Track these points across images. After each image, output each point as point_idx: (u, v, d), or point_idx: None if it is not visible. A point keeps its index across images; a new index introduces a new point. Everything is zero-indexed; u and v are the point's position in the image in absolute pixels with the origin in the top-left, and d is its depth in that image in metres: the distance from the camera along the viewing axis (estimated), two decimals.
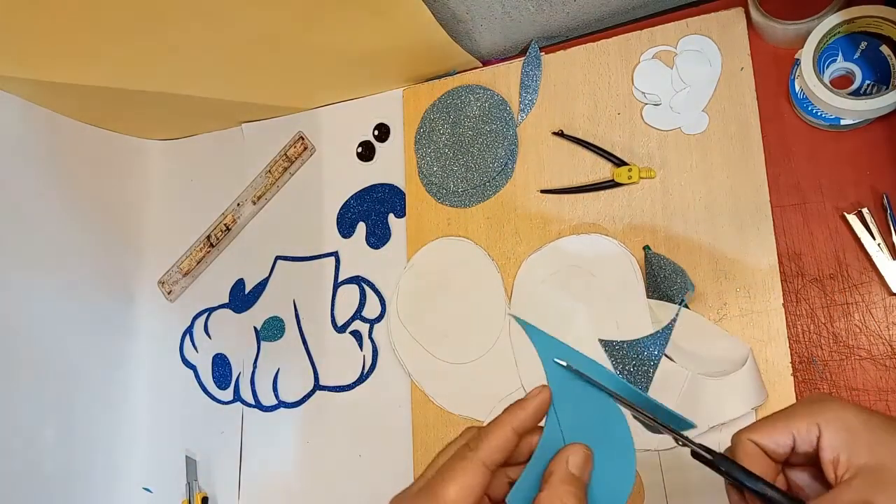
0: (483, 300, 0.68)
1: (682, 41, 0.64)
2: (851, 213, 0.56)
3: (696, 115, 0.63)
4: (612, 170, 0.65)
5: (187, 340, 0.83)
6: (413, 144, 0.75)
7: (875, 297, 0.55)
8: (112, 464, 0.79)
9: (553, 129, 0.68)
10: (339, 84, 0.78)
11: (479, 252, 0.69)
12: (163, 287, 0.85)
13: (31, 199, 0.74)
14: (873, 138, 0.57)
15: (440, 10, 0.68)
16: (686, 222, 0.62)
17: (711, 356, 0.58)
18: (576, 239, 0.65)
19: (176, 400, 0.82)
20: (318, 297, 0.76)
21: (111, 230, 0.84)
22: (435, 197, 0.72)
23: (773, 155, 0.60)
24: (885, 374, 0.54)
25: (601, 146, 0.66)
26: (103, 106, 0.78)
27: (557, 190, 0.67)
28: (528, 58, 0.70)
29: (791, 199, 0.59)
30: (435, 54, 0.71)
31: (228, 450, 0.77)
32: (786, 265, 0.58)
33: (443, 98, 0.74)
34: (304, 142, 0.81)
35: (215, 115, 0.84)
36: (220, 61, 0.71)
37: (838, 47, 0.57)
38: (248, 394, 0.78)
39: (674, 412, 0.36)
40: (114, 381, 0.81)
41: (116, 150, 0.86)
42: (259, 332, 0.79)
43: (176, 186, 0.88)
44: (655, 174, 0.63)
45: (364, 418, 0.71)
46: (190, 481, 0.77)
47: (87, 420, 0.77)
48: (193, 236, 0.85)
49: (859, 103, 0.53)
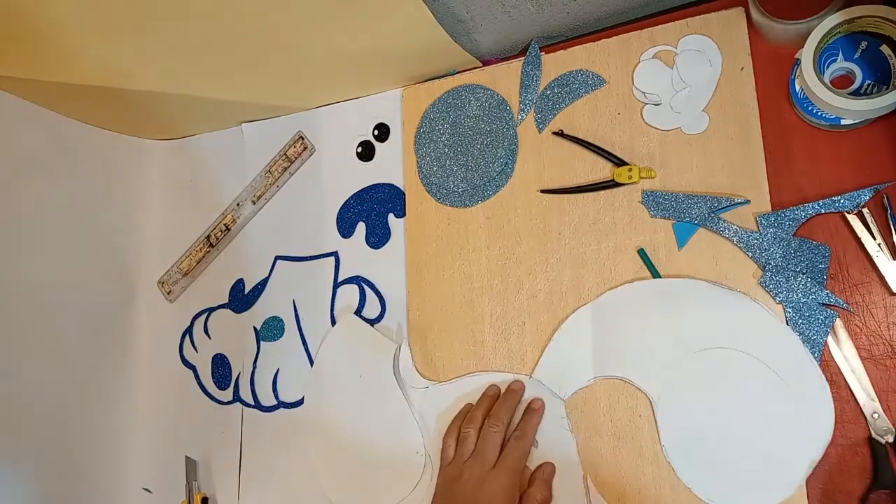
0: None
1: (682, 41, 0.64)
2: (851, 213, 0.56)
3: (697, 115, 0.63)
4: (612, 170, 0.65)
5: (187, 340, 0.83)
6: (413, 144, 0.75)
7: (875, 297, 0.55)
8: (112, 464, 0.79)
9: (553, 129, 0.68)
10: (339, 84, 0.78)
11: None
12: (163, 287, 0.85)
13: (31, 199, 0.74)
14: (873, 138, 0.57)
15: (440, 10, 0.68)
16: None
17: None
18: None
19: (176, 400, 0.82)
20: (318, 296, 0.76)
21: (111, 230, 0.84)
22: (435, 197, 0.72)
23: (773, 155, 0.60)
24: (886, 374, 0.54)
25: (601, 146, 0.66)
26: (103, 106, 0.78)
27: (557, 190, 0.67)
28: (528, 58, 0.70)
29: (791, 199, 0.59)
30: (435, 54, 0.71)
31: (228, 450, 0.77)
32: None
33: (443, 98, 0.74)
34: (304, 142, 0.81)
35: (215, 115, 0.84)
36: (220, 61, 0.71)
37: (838, 47, 0.57)
38: (247, 394, 0.78)
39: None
40: (114, 381, 0.81)
41: (116, 150, 0.86)
42: (259, 332, 0.79)
43: (176, 186, 0.88)
44: (656, 174, 0.63)
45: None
46: (190, 482, 0.77)
47: (86, 420, 0.77)
48: (193, 236, 0.85)
49: (859, 103, 0.53)
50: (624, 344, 0.61)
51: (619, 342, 0.62)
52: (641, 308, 0.61)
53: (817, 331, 0.55)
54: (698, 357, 0.58)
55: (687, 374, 0.58)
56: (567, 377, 0.63)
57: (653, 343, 0.60)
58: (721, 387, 0.57)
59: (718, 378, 0.58)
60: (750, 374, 0.56)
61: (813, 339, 0.55)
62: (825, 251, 0.56)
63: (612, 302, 0.63)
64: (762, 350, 0.56)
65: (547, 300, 0.66)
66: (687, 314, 0.59)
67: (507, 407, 0.62)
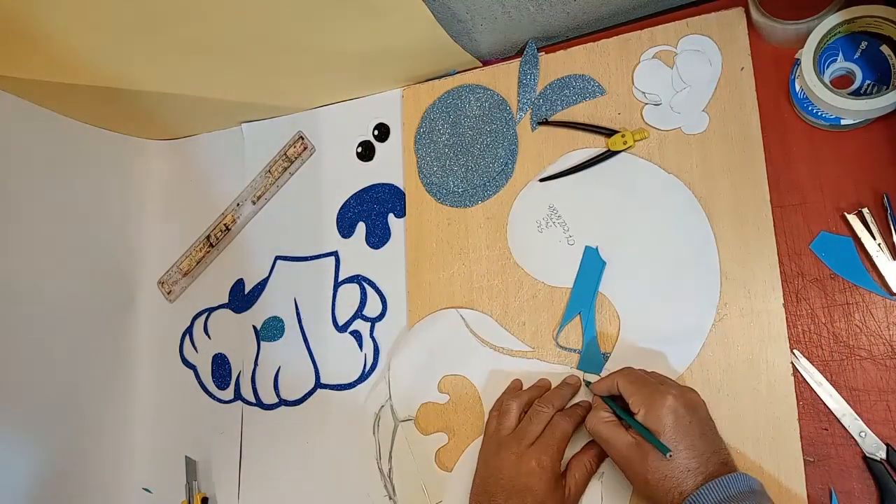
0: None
1: (682, 41, 0.64)
2: (851, 213, 0.56)
3: (697, 115, 0.63)
4: (605, 142, 0.65)
5: (187, 340, 0.83)
6: (413, 144, 0.75)
7: (875, 297, 0.55)
8: (112, 464, 0.79)
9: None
10: (339, 84, 0.78)
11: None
12: (163, 287, 0.85)
13: (31, 199, 0.74)
14: (873, 138, 0.57)
15: (440, 10, 0.68)
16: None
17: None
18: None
19: (176, 400, 0.82)
20: (319, 296, 0.76)
21: (111, 230, 0.84)
22: (435, 197, 0.72)
23: (773, 155, 0.60)
24: (885, 374, 0.54)
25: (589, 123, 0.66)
26: (103, 106, 0.78)
27: (556, 175, 0.67)
28: (526, 57, 0.70)
29: (791, 199, 0.59)
30: (435, 54, 0.71)
31: (228, 450, 0.77)
32: (786, 265, 0.58)
33: (443, 98, 0.74)
34: (304, 142, 0.81)
35: (215, 115, 0.84)
36: (220, 61, 0.71)
37: (838, 47, 0.57)
38: (248, 392, 0.78)
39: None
40: (113, 381, 0.81)
41: (116, 150, 0.86)
42: (259, 332, 0.79)
43: (176, 186, 0.88)
44: (649, 134, 0.64)
45: (365, 417, 0.71)
46: (190, 482, 0.77)
47: (86, 420, 0.77)
48: (193, 236, 0.85)
49: (859, 103, 0.53)
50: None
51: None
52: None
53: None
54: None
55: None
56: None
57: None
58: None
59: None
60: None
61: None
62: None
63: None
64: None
65: (547, 300, 0.66)
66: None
67: (560, 395, 0.61)
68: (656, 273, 0.62)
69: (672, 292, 0.61)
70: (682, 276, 0.61)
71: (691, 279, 0.60)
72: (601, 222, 0.65)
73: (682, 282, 0.61)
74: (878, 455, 0.52)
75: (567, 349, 0.64)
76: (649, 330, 0.61)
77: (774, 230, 0.59)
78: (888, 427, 0.53)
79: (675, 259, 0.61)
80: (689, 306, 0.60)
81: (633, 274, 0.63)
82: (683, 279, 0.61)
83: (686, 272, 0.61)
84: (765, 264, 0.59)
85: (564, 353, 0.64)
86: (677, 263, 0.61)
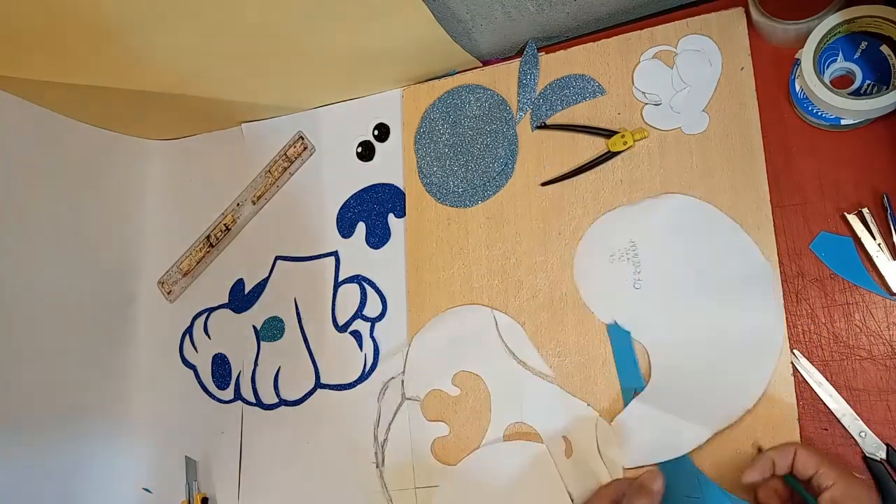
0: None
1: (682, 41, 0.64)
2: (851, 213, 0.56)
3: (697, 115, 0.63)
4: (605, 143, 0.65)
5: (187, 340, 0.83)
6: (413, 144, 0.75)
7: (875, 297, 0.55)
8: (112, 464, 0.79)
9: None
10: (339, 84, 0.78)
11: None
12: (163, 287, 0.85)
13: (31, 199, 0.74)
14: (873, 138, 0.57)
15: (440, 10, 0.68)
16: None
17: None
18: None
19: (176, 400, 0.82)
20: (319, 296, 0.76)
21: (111, 230, 0.84)
22: (435, 197, 0.72)
23: (774, 155, 0.60)
24: (886, 374, 0.54)
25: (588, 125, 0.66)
26: (103, 106, 0.78)
27: (557, 178, 0.67)
28: (526, 57, 0.70)
29: (791, 199, 0.59)
30: (435, 54, 0.71)
31: (228, 450, 0.77)
32: (786, 265, 0.58)
33: (443, 98, 0.74)
34: (304, 142, 0.81)
35: (215, 115, 0.84)
36: (220, 61, 0.71)
37: (838, 47, 0.57)
38: (248, 392, 0.78)
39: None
40: (113, 381, 0.81)
41: (116, 150, 0.86)
42: (259, 332, 0.79)
43: (176, 186, 0.88)
44: (649, 134, 0.64)
45: (365, 417, 0.71)
46: (190, 482, 0.77)
47: (86, 420, 0.77)
48: (193, 236, 0.85)
49: (859, 103, 0.53)
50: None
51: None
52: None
53: None
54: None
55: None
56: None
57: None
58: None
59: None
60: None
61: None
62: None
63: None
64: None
65: (547, 300, 0.66)
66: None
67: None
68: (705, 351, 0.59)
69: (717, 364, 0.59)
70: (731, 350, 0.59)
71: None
72: (673, 276, 0.61)
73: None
74: (878, 455, 0.52)
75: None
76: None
77: (774, 230, 0.59)
78: (888, 427, 0.53)
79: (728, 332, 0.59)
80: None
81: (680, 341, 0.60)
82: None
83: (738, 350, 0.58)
84: (765, 264, 0.58)
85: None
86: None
